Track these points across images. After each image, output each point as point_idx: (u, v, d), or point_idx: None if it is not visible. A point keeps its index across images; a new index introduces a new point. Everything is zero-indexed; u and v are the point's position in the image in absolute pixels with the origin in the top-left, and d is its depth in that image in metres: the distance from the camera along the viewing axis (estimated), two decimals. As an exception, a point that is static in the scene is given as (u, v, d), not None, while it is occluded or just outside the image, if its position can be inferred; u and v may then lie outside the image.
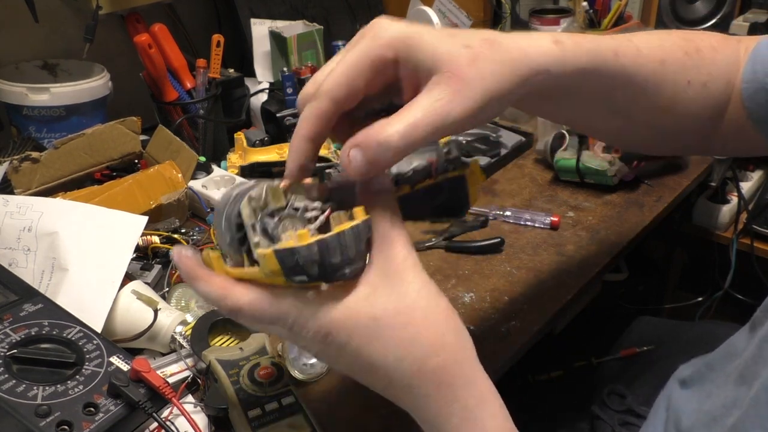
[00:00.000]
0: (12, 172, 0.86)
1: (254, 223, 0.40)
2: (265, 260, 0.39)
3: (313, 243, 0.38)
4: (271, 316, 0.41)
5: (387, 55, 0.41)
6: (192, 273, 0.43)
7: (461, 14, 1.43)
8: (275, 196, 0.41)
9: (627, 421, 0.81)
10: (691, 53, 0.54)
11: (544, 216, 0.93)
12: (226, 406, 0.59)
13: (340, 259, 0.39)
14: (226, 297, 0.41)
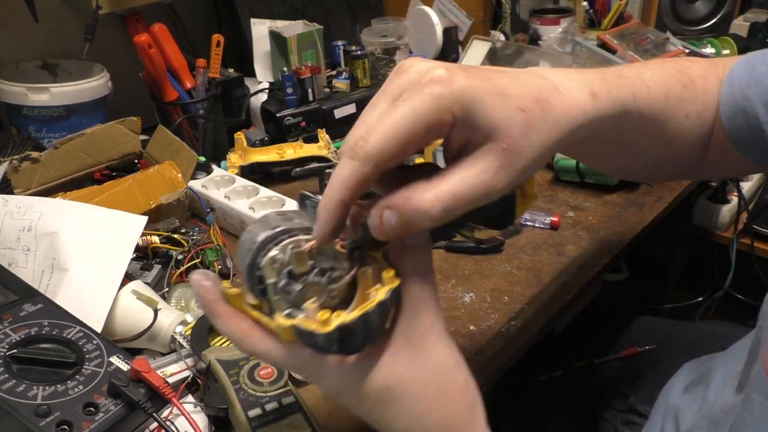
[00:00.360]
0: (12, 172, 0.85)
1: (275, 281, 0.39)
2: (282, 331, 0.39)
3: (334, 330, 0.37)
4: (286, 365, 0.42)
5: (446, 120, 0.37)
6: (212, 309, 0.41)
7: (461, 14, 1.43)
8: (300, 260, 0.39)
9: (630, 420, 0.81)
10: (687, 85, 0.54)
11: (544, 216, 0.93)
12: (226, 406, 0.59)
13: (362, 340, 0.38)
14: (243, 341, 0.41)
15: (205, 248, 0.82)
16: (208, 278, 0.41)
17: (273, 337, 0.40)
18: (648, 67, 0.53)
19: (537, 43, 1.42)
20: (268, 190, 0.92)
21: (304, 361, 0.40)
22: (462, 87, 0.36)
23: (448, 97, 0.36)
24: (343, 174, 0.37)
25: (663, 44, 1.18)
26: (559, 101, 0.40)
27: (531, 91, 0.39)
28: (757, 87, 0.54)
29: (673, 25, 1.48)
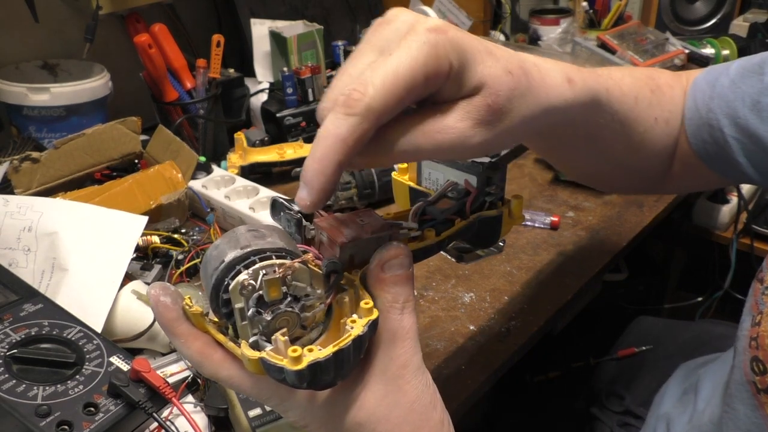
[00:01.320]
0: (12, 172, 0.86)
1: (243, 307, 0.35)
2: (248, 362, 0.34)
3: (304, 368, 0.33)
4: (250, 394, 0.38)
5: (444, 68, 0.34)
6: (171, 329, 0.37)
7: (461, 14, 1.43)
8: (272, 287, 0.35)
9: (626, 422, 0.81)
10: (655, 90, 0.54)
11: (544, 216, 0.93)
12: (226, 406, 0.59)
13: (333, 376, 0.34)
14: (204, 365, 0.37)
15: (205, 248, 0.82)
16: (168, 293, 0.38)
17: (237, 363, 0.37)
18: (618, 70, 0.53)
19: (537, 43, 1.42)
20: (268, 190, 0.93)
21: (270, 391, 0.38)
22: (458, 37, 0.35)
23: (446, 44, 0.34)
24: (341, 132, 0.32)
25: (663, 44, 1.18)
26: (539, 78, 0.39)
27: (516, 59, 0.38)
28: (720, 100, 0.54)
29: (673, 25, 1.48)
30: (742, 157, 0.54)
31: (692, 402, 0.63)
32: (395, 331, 0.37)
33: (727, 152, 0.54)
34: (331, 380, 0.35)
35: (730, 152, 0.54)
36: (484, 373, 0.68)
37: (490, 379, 0.68)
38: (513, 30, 1.54)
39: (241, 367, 0.37)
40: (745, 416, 0.46)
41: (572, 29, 1.39)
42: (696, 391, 0.64)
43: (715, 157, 0.56)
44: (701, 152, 0.56)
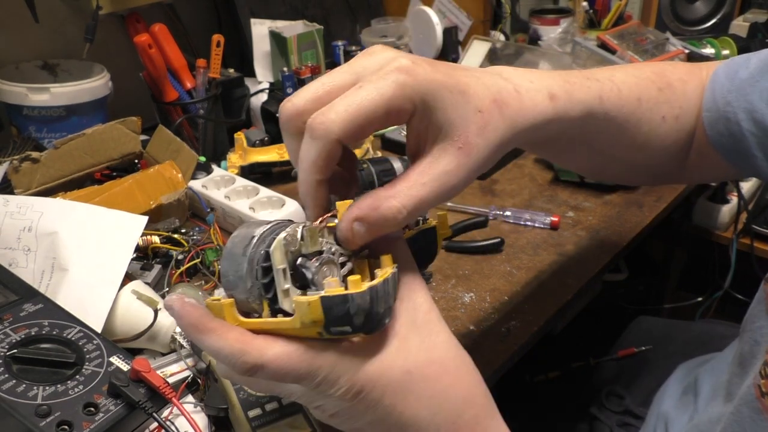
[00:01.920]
0: (12, 172, 0.86)
1: (286, 267, 0.36)
2: (308, 308, 0.35)
3: (366, 291, 0.35)
4: (299, 372, 0.36)
5: (406, 107, 0.38)
6: (200, 325, 0.37)
7: (461, 14, 1.43)
8: (312, 238, 0.38)
9: (625, 422, 0.81)
10: (663, 89, 0.54)
11: (544, 216, 0.93)
12: (226, 406, 0.59)
13: (384, 308, 0.37)
14: (246, 352, 0.36)
15: (205, 248, 0.82)
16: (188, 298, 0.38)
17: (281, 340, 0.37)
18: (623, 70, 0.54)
19: (537, 43, 1.42)
20: (268, 190, 0.92)
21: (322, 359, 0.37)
22: (426, 79, 0.38)
23: (411, 86, 0.37)
24: (310, 156, 0.38)
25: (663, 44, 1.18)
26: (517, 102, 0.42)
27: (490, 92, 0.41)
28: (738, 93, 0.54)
29: (673, 25, 1.48)
30: (758, 151, 0.54)
31: (692, 402, 0.63)
32: (412, 284, 0.40)
33: (744, 145, 0.54)
34: (381, 315, 0.36)
35: (746, 146, 0.54)
36: (484, 373, 0.67)
37: (490, 379, 0.68)
38: (513, 30, 1.54)
39: (287, 342, 0.36)
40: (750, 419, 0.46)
41: (572, 29, 1.39)
42: (696, 391, 0.64)
43: (731, 150, 0.56)
44: (717, 144, 0.56)
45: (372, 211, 0.38)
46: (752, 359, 0.50)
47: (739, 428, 0.47)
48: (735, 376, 0.53)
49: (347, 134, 0.37)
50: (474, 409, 0.40)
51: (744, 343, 0.52)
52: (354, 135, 0.37)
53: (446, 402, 0.39)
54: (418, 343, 0.39)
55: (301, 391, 0.39)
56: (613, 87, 0.50)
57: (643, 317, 1.02)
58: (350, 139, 0.38)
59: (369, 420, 0.39)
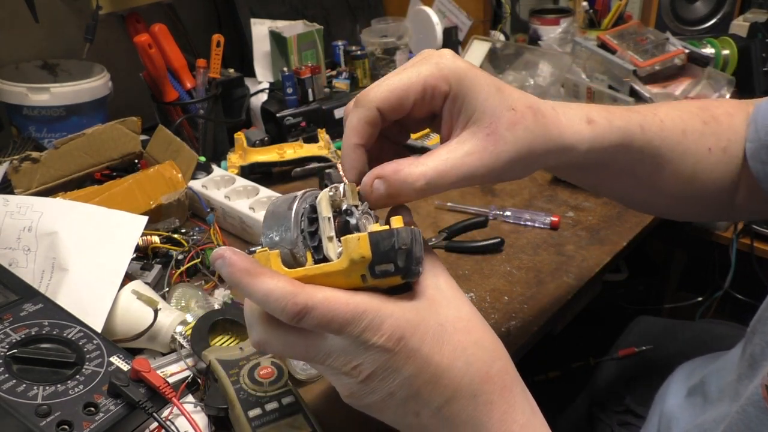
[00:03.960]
0: (12, 172, 0.86)
1: (330, 216, 0.40)
2: (357, 243, 0.37)
3: (408, 228, 0.38)
4: (345, 315, 0.37)
5: (441, 87, 0.42)
6: (252, 270, 0.38)
7: (461, 14, 1.43)
8: (353, 193, 0.42)
9: (626, 421, 0.81)
10: (708, 122, 0.55)
11: (544, 216, 0.93)
12: (226, 406, 0.59)
13: (420, 253, 0.39)
14: (297, 293, 0.37)
15: (205, 248, 0.82)
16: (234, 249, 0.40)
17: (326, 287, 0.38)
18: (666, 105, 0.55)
19: (537, 43, 1.42)
20: (268, 190, 0.93)
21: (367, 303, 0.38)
22: (464, 66, 0.42)
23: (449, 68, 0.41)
24: (352, 121, 0.43)
25: (663, 44, 1.17)
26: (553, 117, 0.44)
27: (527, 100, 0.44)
28: None
29: (673, 25, 1.48)
30: None
31: (699, 403, 0.63)
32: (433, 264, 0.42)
33: None
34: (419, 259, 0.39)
35: None
36: (484, 373, 0.68)
37: (490, 379, 0.68)
38: (513, 30, 1.53)
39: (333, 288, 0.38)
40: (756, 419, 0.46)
41: (572, 29, 1.39)
42: (703, 392, 0.63)
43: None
44: (759, 174, 0.56)
45: (393, 173, 0.41)
46: (763, 361, 0.50)
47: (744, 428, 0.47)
48: (744, 378, 0.53)
49: (385, 103, 0.42)
50: (502, 360, 0.42)
51: (755, 345, 0.52)
52: (391, 105, 0.42)
53: (478, 352, 0.40)
54: (446, 303, 0.41)
55: (341, 347, 0.39)
56: (656, 119, 0.52)
57: (643, 317, 1.02)
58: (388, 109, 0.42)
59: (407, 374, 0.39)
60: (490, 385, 0.40)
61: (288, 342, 0.40)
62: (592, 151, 0.47)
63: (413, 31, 1.36)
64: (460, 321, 0.41)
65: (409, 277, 0.39)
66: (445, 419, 0.40)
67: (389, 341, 0.38)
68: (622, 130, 0.49)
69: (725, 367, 0.62)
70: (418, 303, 0.40)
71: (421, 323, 0.39)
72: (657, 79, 1.12)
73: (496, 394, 0.41)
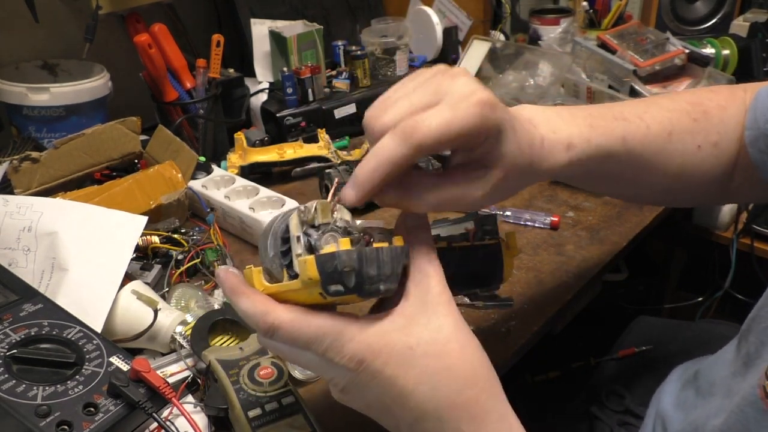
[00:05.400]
0: (12, 172, 0.86)
1: (299, 235, 0.41)
2: (305, 266, 0.39)
3: (352, 250, 0.39)
4: (308, 335, 0.41)
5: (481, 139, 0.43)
6: (236, 288, 0.43)
7: (461, 14, 1.43)
8: (324, 211, 0.42)
9: (625, 421, 0.81)
10: (698, 118, 0.56)
11: (544, 216, 0.93)
12: (226, 406, 0.59)
13: (377, 273, 0.40)
14: (268, 313, 0.41)
15: (205, 248, 0.82)
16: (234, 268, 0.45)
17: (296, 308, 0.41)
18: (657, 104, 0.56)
19: (537, 43, 1.42)
20: (268, 190, 0.92)
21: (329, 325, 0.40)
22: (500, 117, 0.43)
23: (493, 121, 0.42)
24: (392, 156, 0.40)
25: (663, 44, 1.17)
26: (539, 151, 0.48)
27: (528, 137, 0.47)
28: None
29: (673, 25, 1.48)
30: None
31: (690, 398, 0.63)
32: (426, 267, 0.43)
33: None
34: (375, 278, 0.40)
35: None
36: (484, 373, 0.68)
37: (490, 379, 0.68)
38: (513, 30, 1.53)
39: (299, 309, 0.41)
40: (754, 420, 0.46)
41: (572, 29, 1.38)
42: (695, 386, 0.64)
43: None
44: (758, 162, 0.57)
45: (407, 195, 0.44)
46: (758, 359, 0.50)
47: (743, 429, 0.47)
48: (737, 375, 0.53)
49: (433, 146, 0.41)
50: (474, 389, 0.41)
51: (750, 344, 0.52)
52: (436, 148, 0.42)
53: (446, 379, 0.41)
54: (425, 322, 0.41)
55: (315, 360, 0.42)
56: (641, 125, 0.53)
57: (643, 317, 1.02)
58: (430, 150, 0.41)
59: (374, 393, 0.41)
60: (456, 412, 0.41)
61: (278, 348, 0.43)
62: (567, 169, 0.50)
63: (413, 31, 1.36)
64: (435, 344, 0.41)
65: (365, 296, 0.41)
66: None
67: (350, 362, 0.40)
68: (600, 147, 0.51)
69: (718, 362, 0.62)
70: (388, 324, 0.41)
71: (386, 347, 0.40)
72: (657, 79, 1.12)
73: (464, 422, 0.41)
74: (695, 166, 0.57)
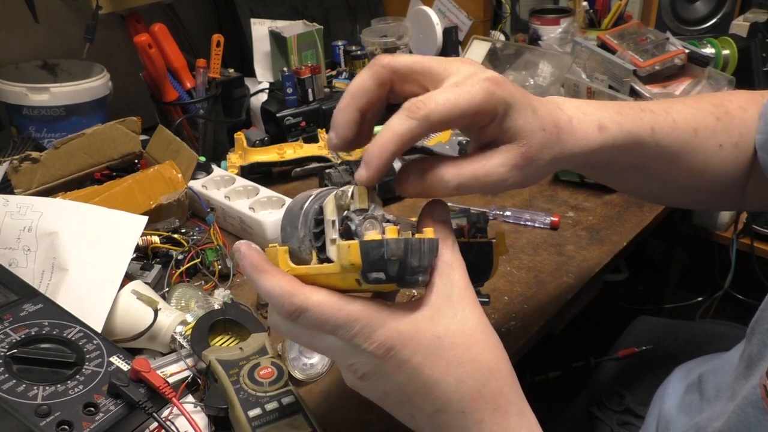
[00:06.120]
0: (12, 172, 0.86)
1: (335, 219, 0.41)
2: (348, 251, 0.38)
3: (400, 239, 0.39)
4: (337, 320, 0.39)
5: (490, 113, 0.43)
6: (260, 265, 0.41)
7: (461, 14, 1.43)
8: (361, 197, 0.41)
9: (626, 421, 0.81)
10: (721, 118, 0.56)
11: (544, 216, 0.93)
12: (226, 406, 0.59)
13: (418, 264, 0.40)
14: (294, 294, 0.40)
15: (205, 248, 0.82)
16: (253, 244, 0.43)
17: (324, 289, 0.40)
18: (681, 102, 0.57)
19: (537, 43, 1.42)
20: (268, 190, 0.92)
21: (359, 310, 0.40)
22: (510, 92, 0.43)
23: (500, 96, 0.42)
24: (400, 129, 0.41)
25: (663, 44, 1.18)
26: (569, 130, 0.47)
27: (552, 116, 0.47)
28: None
29: (673, 25, 1.48)
30: None
31: (695, 401, 0.63)
32: (451, 261, 0.43)
33: None
34: (415, 269, 0.40)
35: None
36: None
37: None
38: (513, 30, 1.53)
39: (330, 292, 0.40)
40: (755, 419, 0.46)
41: (572, 29, 1.39)
42: (700, 390, 0.63)
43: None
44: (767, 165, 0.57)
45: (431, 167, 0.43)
46: (760, 360, 0.50)
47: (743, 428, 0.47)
48: (741, 377, 0.53)
49: (440, 123, 0.41)
50: (498, 381, 0.42)
51: (753, 345, 0.52)
52: (443, 125, 0.42)
53: (473, 371, 0.41)
54: (452, 314, 0.41)
55: (338, 346, 0.41)
56: (668, 118, 0.53)
57: (643, 317, 1.02)
58: (438, 127, 0.42)
59: (397, 381, 0.41)
60: (481, 403, 0.41)
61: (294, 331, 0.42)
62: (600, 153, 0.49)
63: (413, 31, 1.36)
64: (462, 335, 0.41)
65: (403, 286, 0.40)
66: (437, 426, 0.42)
67: (379, 349, 0.40)
68: (631, 134, 0.50)
69: (723, 367, 0.62)
70: (418, 313, 0.41)
71: (415, 336, 0.40)
72: (657, 79, 1.12)
73: (487, 414, 0.41)
74: (716, 166, 0.57)
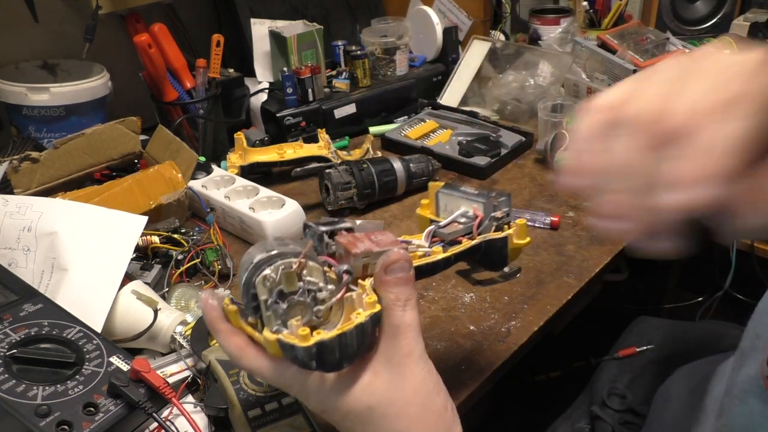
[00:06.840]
0: (12, 172, 0.85)
1: (267, 299, 0.42)
2: (268, 344, 0.41)
3: (312, 345, 0.40)
4: (276, 382, 0.44)
5: None
6: (214, 326, 0.45)
7: (461, 14, 1.43)
8: (289, 280, 0.43)
9: (627, 420, 0.81)
10: None
11: (544, 216, 0.93)
12: (226, 406, 0.59)
13: (338, 357, 0.41)
14: (240, 357, 0.44)
15: (205, 248, 0.82)
16: (215, 297, 0.46)
17: (265, 355, 0.44)
18: None
19: (537, 43, 1.42)
20: (268, 190, 0.92)
21: (292, 378, 0.43)
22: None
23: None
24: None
25: (663, 44, 1.18)
26: None
27: None
28: None
29: (673, 25, 1.48)
30: None
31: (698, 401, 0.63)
32: (398, 325, 0.43)
33: None
34: (337, 361, 0.41)
35: None
36: (484, 373, 0.68)
37: (490, 379, 0.68)
38: (513, 30, 1.53)
39: (267, 358, 0.44)
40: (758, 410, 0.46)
41: (572, 29, 1.39)
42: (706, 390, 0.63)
43: None
44: None
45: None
46: (752, 351, 0.50)
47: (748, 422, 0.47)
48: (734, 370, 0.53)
49: None
50: None
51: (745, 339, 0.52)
52: None
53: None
54: (388, 381, 0.43)
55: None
56: None
57: (644, 317, 1.02)
58: None
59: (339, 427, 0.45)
60: None
61: None
62: None
63: (413, 31, 1.36)
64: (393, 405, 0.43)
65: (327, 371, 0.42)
66: None
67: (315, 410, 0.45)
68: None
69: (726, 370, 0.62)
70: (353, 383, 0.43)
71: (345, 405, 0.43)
72: (657, 78, 1.12)
73: None
74: None
